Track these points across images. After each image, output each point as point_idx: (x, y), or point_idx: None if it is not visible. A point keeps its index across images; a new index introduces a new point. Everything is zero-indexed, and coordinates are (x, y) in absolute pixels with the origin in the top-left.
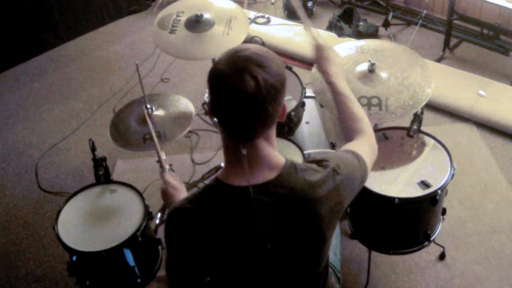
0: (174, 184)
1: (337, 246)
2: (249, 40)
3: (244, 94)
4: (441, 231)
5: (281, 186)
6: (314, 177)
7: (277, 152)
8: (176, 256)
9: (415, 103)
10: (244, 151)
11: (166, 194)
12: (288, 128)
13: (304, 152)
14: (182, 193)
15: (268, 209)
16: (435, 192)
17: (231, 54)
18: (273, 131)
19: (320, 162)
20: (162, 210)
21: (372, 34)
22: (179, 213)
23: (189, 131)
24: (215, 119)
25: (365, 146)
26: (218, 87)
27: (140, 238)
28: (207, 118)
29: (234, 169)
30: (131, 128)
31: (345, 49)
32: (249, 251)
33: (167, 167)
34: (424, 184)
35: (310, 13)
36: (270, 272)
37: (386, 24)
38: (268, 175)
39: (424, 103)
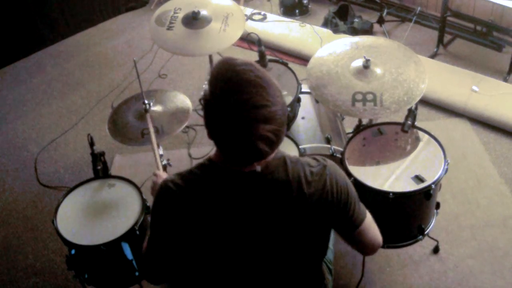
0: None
1: (330, 238)
2: (246, 36)
3: (261, 155)
4: (435, 225)
5: (266, 176)
6: (303, 171)
7: None
8: (159, 235)
9: (410, 99)
10: (259, 168)
11: (156, 185)
12: None
13: (300, 147)
14: None
15: (255, 196)
16: (429, 186)
17: (230, 101)
18: None
19: (316, 159)
20: None
21: (367, 30)
22: (170, 187)
23: (187, 126)
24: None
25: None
26: (229, 140)
27: (138, 232)
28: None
29: (226, 158)
30: (129, 123)
31: (340, 46)
32: (233, 233)
33: (161, 166)
34: (418, 179)
35: (305, 10)
36: (255, 257)
37: (380, 21)
38: (256, 165)
39: (418, 98)
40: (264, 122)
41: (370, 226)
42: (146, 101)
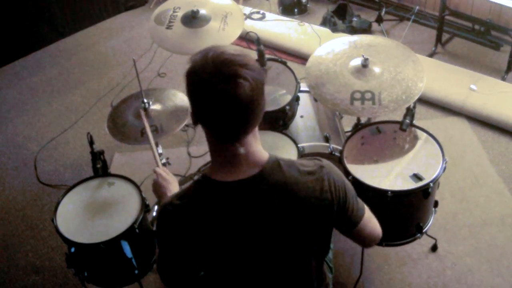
0: (166, 176)
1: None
2: (245, 35)
3: (243, 97)
4: (433, 223)
5: (263, 182)
6: (298, 173)
7: (261, 147)
8: (167, 250)
9: (408, 98)
10: (242, 150)
11: (158, 187)
12: (282, 122)
13: (299, 145)
14: (173, 184)
15: (251, 204)
16: (427, 185)
17: (210, 61)
18: (257, 127)
19: (310, 159)
20: (159, 202)
21: (366, 29)
22: (169, 209)
23: (186, 125)
24: (201, 125)
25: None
26: (211, 96)
27: (137, 230)
28: None
29: (220, 166)
30: (129, 122)
31: (339, 44)
32: (235, 244)
33: (160, 163)
34: (417, 177)
35: (304, 9)
36: (258, 264)
37: (379, 20)
38: (251, 171)
39: (416, 97)
40: (241, 66)
41: (370, 220)
42: (145, 100)
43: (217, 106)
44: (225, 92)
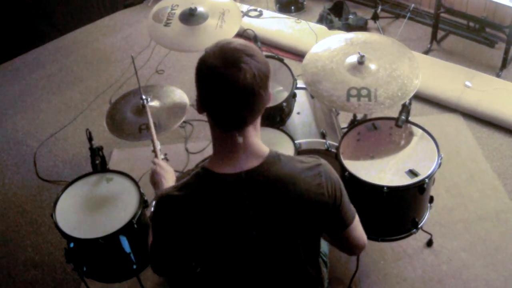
0: (164, 166)
1: None
2: (242, 33)
3: (242, 83)
4: (428, 218)
5: (263, 174)
6: (297, 168)
7: (261, 142)
8: (161, 241)
9: (404, 94)
10: (240, 139)
11: (155, 175)
12: (279, 119)
13: (296, 141)
14: (170, 174)
15: (251, 195)
16: (423, 180)
17: (218, 48)
18: (259, 120)
19: (310, 156)
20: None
21: (362, 27)
22: (167, 200)
23: (184, 121)
24: (205, 112)
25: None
26: (213, 80)
27: (135, 226)
28: None
29: (220, 158)
30: (127, 118)
31: (335, 42)
32: (234, 237)
33: (160, 155)
34: (412, 173)
35: (301, 7)
36: (256, 257)
37: (375, 17)
38: (252, 163)
39: (412, 94)
40: (247, 55)
41: (358, 226)
42: (143, 97)
43: (218, 91)
44: (228, 77)
